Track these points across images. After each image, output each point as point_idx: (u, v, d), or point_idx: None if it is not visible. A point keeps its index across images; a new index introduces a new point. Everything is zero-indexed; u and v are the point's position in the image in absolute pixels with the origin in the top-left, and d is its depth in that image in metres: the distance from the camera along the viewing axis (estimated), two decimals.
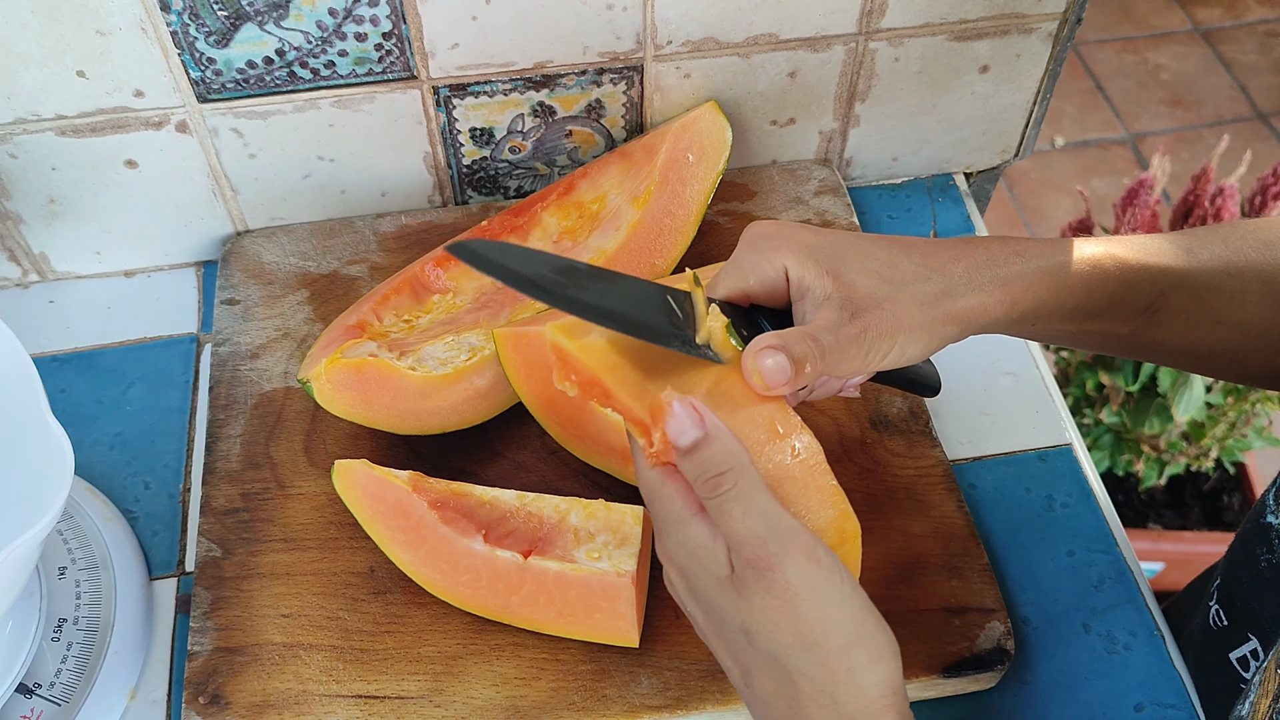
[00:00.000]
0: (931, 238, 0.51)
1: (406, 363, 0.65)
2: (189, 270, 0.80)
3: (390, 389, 0.64)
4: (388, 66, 0.70)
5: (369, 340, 0.66)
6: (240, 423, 0.68)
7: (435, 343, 0.67)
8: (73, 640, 0.60)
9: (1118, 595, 0.65)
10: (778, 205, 0.79)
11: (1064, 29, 0.76)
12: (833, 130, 0.81)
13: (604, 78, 0.74)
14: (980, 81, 0.79)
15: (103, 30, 0.65)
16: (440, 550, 0.59)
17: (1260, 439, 1.31)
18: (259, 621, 0.61)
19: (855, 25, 0.73)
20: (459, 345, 0.67)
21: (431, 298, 0.71)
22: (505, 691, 0.58)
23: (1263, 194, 1.18)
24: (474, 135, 0.76)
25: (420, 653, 0.60)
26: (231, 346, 0.72)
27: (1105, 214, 1.40)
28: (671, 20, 0.71)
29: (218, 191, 0.75)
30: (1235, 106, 2.32)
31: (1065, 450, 0.71)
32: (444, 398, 0.65)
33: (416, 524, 0.60)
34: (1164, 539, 1.44)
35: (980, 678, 0.60)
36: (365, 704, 0.58)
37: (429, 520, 0.60)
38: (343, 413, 0.64)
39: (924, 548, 0.63)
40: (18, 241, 0.76)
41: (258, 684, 0.59)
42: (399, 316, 0.70)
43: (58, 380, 0.74)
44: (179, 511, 0.68)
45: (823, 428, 0.68)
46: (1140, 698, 0.61)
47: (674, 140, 0.73)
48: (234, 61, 0.68)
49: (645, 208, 0.72)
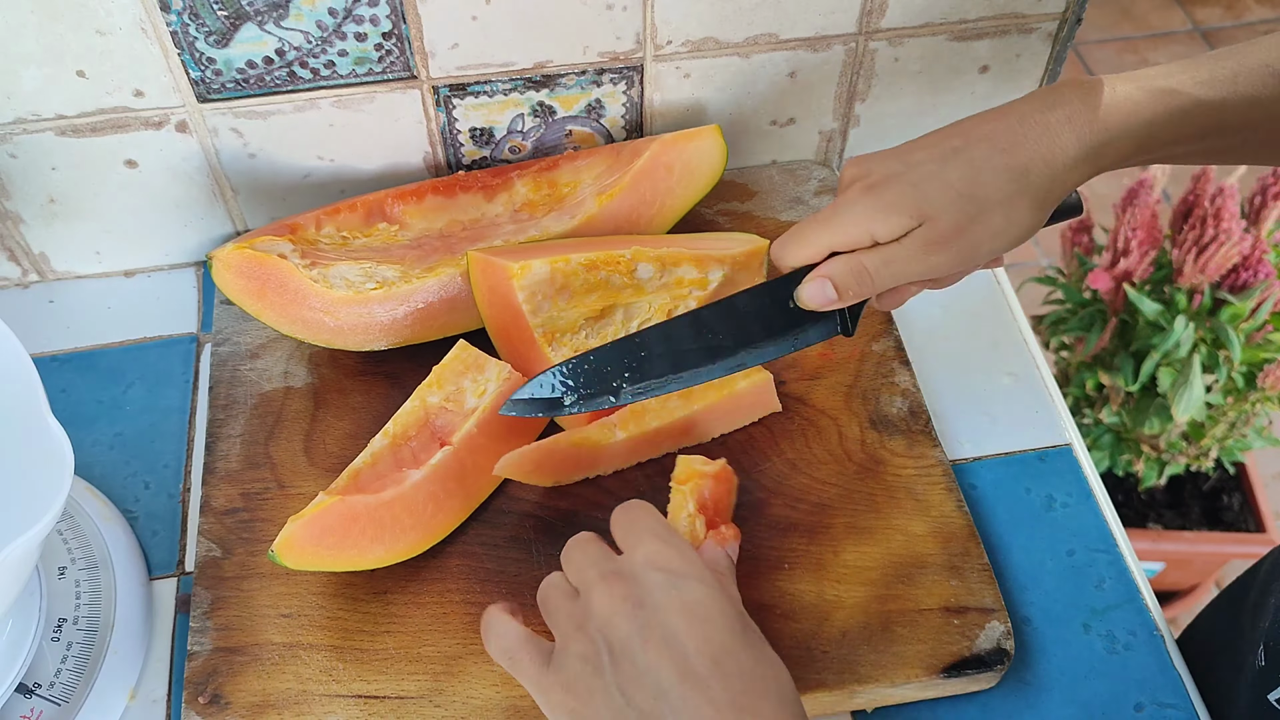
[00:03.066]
0: (1012, 110, 0.55)
1: (313, 273, 0.67)
2: (189, 270, 0.80)
3: (285, 290, 0.67)
4: (388, 66, 0.70)
5: (288, 242, 0.69)
6: (240, 423, 0.68)
7: (352, 264, 0.69)
8: (73, 640, 0.60)
9: (1118, 595, 0.65)
10: (777, 205, 0.79)
11: (1064, 29, 0.76)
12: (833, 130, 0.81)
13: (604, 78, 0.74)
14: (980, 81, 0.79)
15: (103, 30, 0.65)
16: (399, 513, 0.61)
17: (1260, 439, 1.31)
18: (259, 621, 0.61)
19: (855, 25, 0.73)
20: (372, 274, 0.69)
21: (378, 225, 0.73)
22: (505, 691, 0.58)
23: (1262, 194, 1.19)
24: (474, 135, 0.76)
25: (420, 653, 0.60)
26: (231, 346, 0.72)
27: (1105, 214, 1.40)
28: (671, 20, 0.71)
29: (218, 191, 0.75)
30: None
31: (1065, 450, 0.71)
32: (336, 315, 0.68)
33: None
34: (1164, 539, 1.45)
35: (980, 678, 0.60)
36: (365, 704, 0.58)
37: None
38: (234, 297, 0.67)
39: (924, 547, 0.63)
40: (18, 241, 0.76)
41: (258, 684, 0.59)
42: (339, 230, 0.72)
43: (58, 380, 0.74)
44: (179, 511, 0.68)
45: (823, 428, 0.68)
46: (1140, 698, 0.61)
47: (658, 151, 0.73)
48: (234, 61, 0.68)
49: (604, 206, 0.72)
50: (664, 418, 0.65)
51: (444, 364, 0.66)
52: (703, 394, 0.65)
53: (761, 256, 0.71)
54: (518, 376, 0.66)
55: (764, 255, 0.71)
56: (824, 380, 0.70)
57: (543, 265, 0.67)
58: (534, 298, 0.67)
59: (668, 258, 0.69)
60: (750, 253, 0.71)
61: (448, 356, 0.66)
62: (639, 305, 0.69)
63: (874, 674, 0.58)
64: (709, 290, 0.69)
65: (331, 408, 0.69)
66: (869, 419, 0.68)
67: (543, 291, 0.68)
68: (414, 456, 0.64)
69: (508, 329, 0.68)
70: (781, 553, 0.63)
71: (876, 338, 0.72)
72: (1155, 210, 1.20)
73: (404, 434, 0.64)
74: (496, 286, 0.68)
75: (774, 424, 0.68)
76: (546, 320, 0.67)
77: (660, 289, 0.69)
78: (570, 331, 0.68)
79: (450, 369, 0.66)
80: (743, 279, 0.70)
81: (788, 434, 0.68)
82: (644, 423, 0.65)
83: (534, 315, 0.67)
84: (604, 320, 0.69)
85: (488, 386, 0.66)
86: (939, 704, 0.61)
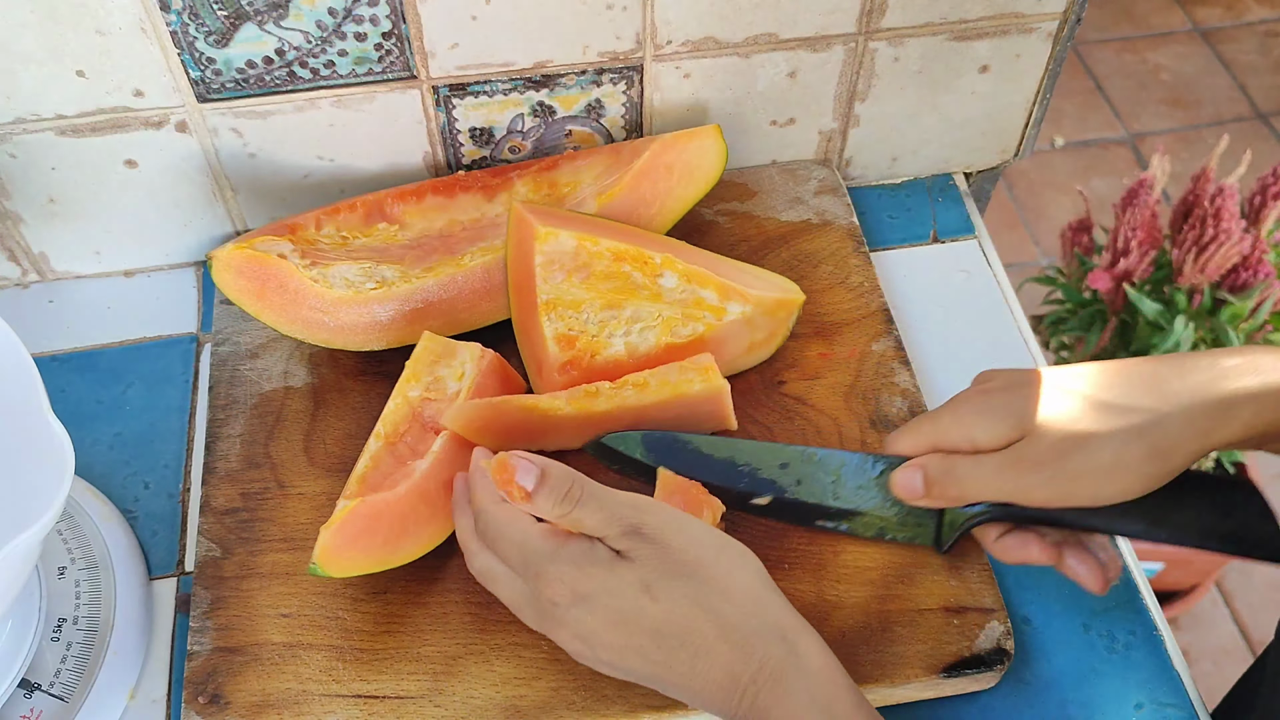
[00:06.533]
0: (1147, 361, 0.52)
1: (313, 273, 0.68)
2: (189, 270, 0.80)
3: (285, 290, 0.67)
4: (387, 66, 0.70)
5: (288, 242, 0.69)
6: (240, 422, 0.68)
7: (351, 264, 0.69)
8: (72, 640, 0.60)
9: (1118, 595, 0.65)
10: (777, 205, 0.79)
11: (1064, 29, 0.76)
12: (832, 130, 0.81)
13: (604, 77, 0.74)
14: (980, 81, 0.79)
15: (102, 30, 0.65)
16: (416, 504, 0.62)
17: None
18: (259, 621, 0.61)
19: (855, 25, 0.73)
20: (371, 273, 0.69)
21: (378, 225, 0.73)
22: (505, 691, 0.58)
23: (1262, 194, 1.19)
24: (474, 135, 0.76)
25: (420, 653, 0.60)
26: (231, 346, 0.72)
27: (1105, 214, 1.40)
28: (671, 20, 0.71)
29: (218, 191, 0.75)
30: (1235, 106, 2.32)
31: None
32: (336, 315, 0.68)
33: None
34: None
35: (980, 678, 0.60)
36: (365, 704, 0.58)
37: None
38: (234, 297, 0.67)
39: (924, 547, 0.63)
40: (17, 241, 0.76)
41: (257, 684, 0.59)
42: (339, 230, 0.72)
43: (58, 380, 0.74)
44: (179, 511, 0.68)
45: (822, 428, 0.68)
46: (1140, 697, 0.61)
47: (658, 151, 0.73)
48: (234, 61, 0.68)
49: (604, 206, 0.72)
50: (614, 403, 0.65)
51: (415, 358, 0.66)
52: (657, 389, 0.65)
53: (792, 310, 0.70)
54: (490, 355, 0.66)
55: (795, 309, 0.70)
56: (824, 380, 0.70)
57: (569, 238, 0.67)
58: (550, 265, 0.67)
59: (695, 275, 0.69)
60: (780, 302, 0.70)
61: (416, 351, 0.66)
62: (648, 310, 0.68)
63: (874, 674, 0.58)
64: (723, 321, 0.69)
65: (331, 408, 0.69)
66: (869, 419, 0.68)
67: (560, 262, 0.67)
68: (412, 450, 0.64)
69: (520, 286, 0.68)
70: (781, 553, 0.63)
71: (876, 338, 0.72)
72: (1155, 210, 1.20)
73: (395, 432, 0.64)
74: (522, 242, 0.68)
75: (774, 424, 0.68)
76: (553, 290, 0.67)
77: (676, 303, 0.69)
78: (573, 309, 0.67)
79: (422, 361, 0.66)
80: (762, 323, 0.69)
81: (788, 434, 0.68)
82: (594, 404, 0.65)
83: (544, 282, 0.67)
84: (609, 311, 0.68)
85: (464, 369, 0.66)
86: (939, 704, 0.61)
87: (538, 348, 0.68)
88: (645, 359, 0.68)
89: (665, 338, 0.68)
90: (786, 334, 0.70)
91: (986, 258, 0.81)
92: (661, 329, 0.68)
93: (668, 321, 0.68)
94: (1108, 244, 1.22)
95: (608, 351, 0.67)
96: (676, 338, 0.68)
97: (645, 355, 0.68)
